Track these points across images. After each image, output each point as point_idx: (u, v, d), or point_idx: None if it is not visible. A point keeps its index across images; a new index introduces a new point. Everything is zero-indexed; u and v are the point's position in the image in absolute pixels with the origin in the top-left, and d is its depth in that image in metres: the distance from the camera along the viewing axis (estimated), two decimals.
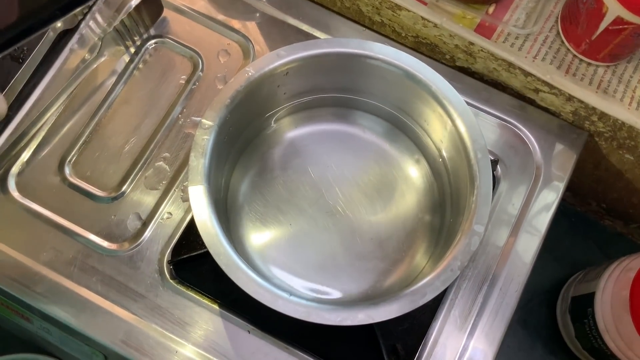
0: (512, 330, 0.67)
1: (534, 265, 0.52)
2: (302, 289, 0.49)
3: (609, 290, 0.57)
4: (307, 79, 0.50)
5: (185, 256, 0.50)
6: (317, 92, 0.53)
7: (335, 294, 0.49)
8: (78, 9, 0.27)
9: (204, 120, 0.44)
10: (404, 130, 0.54)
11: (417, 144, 0.54)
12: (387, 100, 0.52)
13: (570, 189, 0.71)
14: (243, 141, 0.52)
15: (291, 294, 0.40)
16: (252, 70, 0.46)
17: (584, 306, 0.60)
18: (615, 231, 0.74)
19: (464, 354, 0.49)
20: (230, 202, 0.52)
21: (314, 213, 0.52)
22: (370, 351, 0.49)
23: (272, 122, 0.54)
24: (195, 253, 0.49)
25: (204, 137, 0.44)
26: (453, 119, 0.46)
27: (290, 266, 0.50)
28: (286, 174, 0.53)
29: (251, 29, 0.59)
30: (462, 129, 0.46)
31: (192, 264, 0.50)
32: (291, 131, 0.54)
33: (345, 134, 0.55)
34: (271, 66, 0.46)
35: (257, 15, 0.59)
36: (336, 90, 0.53)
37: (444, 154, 0.50)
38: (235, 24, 0.59)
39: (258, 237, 0.51)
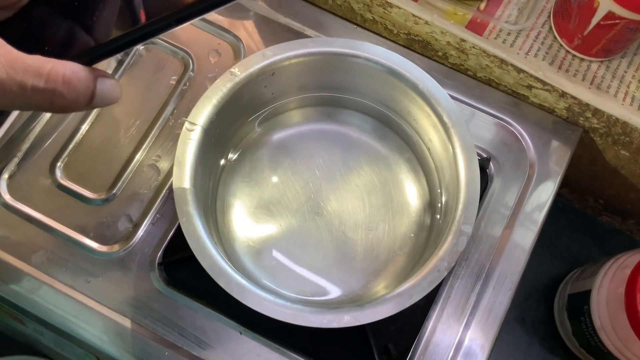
0: (510, 327, 0.67)
1: (532, 262, 0.52)
2: (291, 290, 0.49)
3: (605, 287, 0.57)
4: (294, 79, 0.50)
5: (176, 257, 0.50)
6: (304, 92, 0.52)
7: (326, 295, 0.49)
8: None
9: (188, 123, 0.44)
10: (393, 128, 0.54)
11: (406, 142, 0.54)
12: (375, 98, 0.52)
13: (567, 185, 0.71)
14: (231, 142, 0.52)
15: (277, 296, 0.40)
16: (238, 71, 0.45)
17: (580, 304, 0.60)
18: (613, 227, 0.73)
19: (457, 352, 0.48)
20: (220, 203, 0.51)
21: (304, 214, 0.52)
22: (362, 351, 0.49)
23: (260, 122, 0.54)
24: (186, 255, 0.49)
25: (189, 139, 0.44)
26: (440, 117, 0.46)
27: (280, 267, 0.50)
28: (275, 174, 0.53)
29: (242, 28, 0.58)
30: (450, 127, 0.45)
31: (183, 266, 0.50)
32: (280, 131, 0.54)
33: (335, 133, 0.54)
34: (257, 67, 0.46)
35: (248, 14, 0.59)
36: (324, 89, 0.53)
37: (433, 152, 0.50)
38: (226, 23, 0.59)
39: (248, 238, 0.51)
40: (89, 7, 0.31)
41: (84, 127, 0.54)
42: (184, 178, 0.43)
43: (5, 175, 0.52)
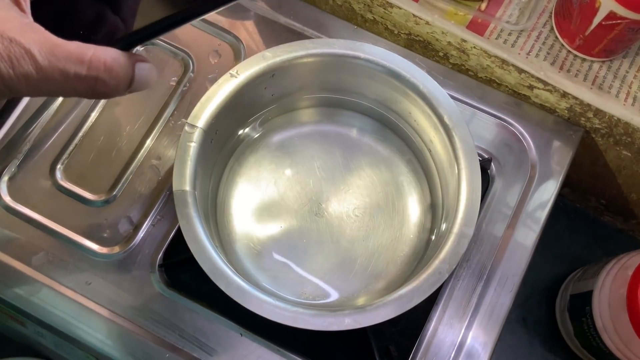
0: (511, 328, 0.67)
1: (533, 263, 0.51)
2: (292, 293, 0.49)
3: (607, 288, 0.57)
4: (294, 80, 0.50)
5: (176, 259, 0.50)
6: (305, 93, 0.52)
7: (326, 297, 0.49)
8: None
9: (188, 124, 0.44)
10: (394, 129, 0.54)
11: (407, 144, 0.54)
12: (376, 99, 0.52)
13: (569, 185, 0.71)
14: (231, 144, 0.52)
15: (277, 299, 0.40)
16: (238, 73, 0.45)
17: (582, 304, 0.60)
18: (615, 227, 0.73)
19: (459, 353, 0.48)
20: (220, 205, 0.51)
21: (305, 215, 0.51)
22: (362, 353, 0.49)
23: (261, 123, 0.53)
24: (187, 256, 0.48)
25: (189, 141, 0.44)
26: (441, 118, 0.46)
27: (280, 269, 0.50)
28: (276, 176, 0.53)
29: (242, 29, 0.58)
30: (450, 128, 0.45)
31: (184, 267, 0.50)
32: (280, 133, 0.54)
33: (335, 135, 0.54)
34: (257, 68, 0.46)
35: (248, 14, 0.59)
36: (324, 91, 0.52)
37: (434, 153, 0.50)
38: (226, 24, 0.58)
39: (248, 240, 0.51)
40: None
41: (84, 129, 0.54)
42: (183, 180, 0.43)
43: (6, 177, 0.52)
